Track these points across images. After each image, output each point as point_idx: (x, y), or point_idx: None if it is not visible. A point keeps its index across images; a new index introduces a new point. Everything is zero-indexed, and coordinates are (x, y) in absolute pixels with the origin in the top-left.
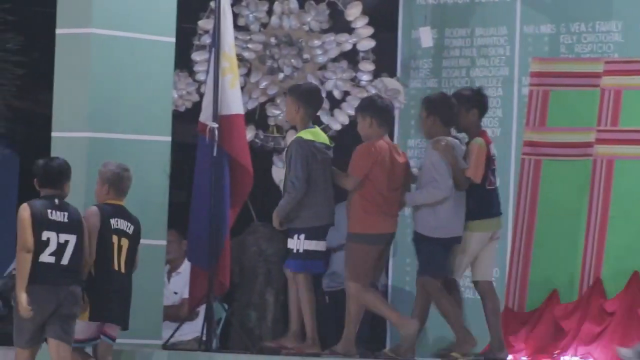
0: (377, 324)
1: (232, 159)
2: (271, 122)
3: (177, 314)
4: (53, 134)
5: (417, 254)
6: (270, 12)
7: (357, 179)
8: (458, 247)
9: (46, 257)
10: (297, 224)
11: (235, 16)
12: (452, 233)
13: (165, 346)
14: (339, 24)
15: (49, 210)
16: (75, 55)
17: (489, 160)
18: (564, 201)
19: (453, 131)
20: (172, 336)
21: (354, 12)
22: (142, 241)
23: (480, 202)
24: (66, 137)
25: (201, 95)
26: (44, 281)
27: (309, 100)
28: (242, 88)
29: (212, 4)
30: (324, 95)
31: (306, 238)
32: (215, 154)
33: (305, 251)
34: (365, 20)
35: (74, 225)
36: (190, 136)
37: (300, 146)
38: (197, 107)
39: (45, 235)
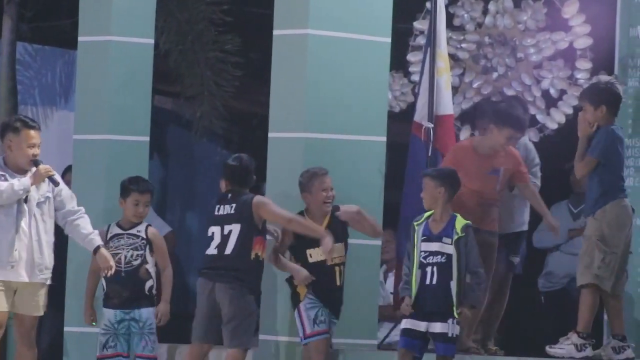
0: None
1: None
2: None
3: (393, 314)
4: (270, 135)
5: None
6: (485, 12)
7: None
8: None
9: (211, 250)
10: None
11: (451, 16)
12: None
13: (381, 346)
14: (554, 22)
15: (217, 207)
16: (292, 56)
17: None
18: None
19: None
20: (387, 336)
21: (570, 10)
22: (357, 241)
23: None
24: (282, 138)
25: (416, 96)
26: (201, 274)
27: (453, 183)
28: (456, 88)
29: (428, 4)
30: (539, 94)
31: (457, 322)
32: (430, 154)
33: (456, 336)
34: (582, 18)
35: (239, 214)
36: (405, 136)
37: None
38: (411, 107)
39: (210, 230)
